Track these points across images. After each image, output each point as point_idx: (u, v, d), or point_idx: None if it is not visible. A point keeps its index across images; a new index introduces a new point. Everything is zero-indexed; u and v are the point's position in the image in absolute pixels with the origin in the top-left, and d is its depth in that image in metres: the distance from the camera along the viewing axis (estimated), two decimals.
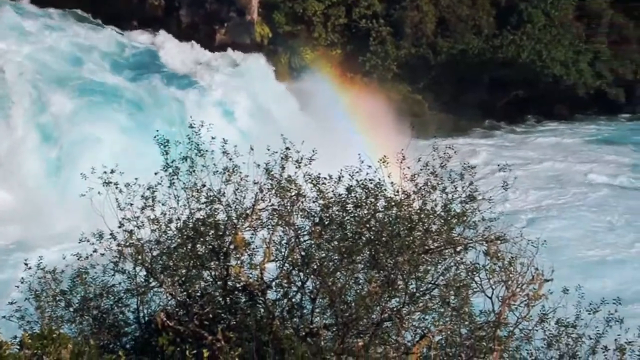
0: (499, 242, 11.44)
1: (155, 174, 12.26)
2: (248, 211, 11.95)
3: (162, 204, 12.10)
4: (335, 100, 46.05)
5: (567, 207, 38.35)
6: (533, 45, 48.44)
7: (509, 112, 51.75)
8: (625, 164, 44.93)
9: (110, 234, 11.80)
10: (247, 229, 11.96)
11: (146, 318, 12.01)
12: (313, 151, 12.43)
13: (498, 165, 13.88)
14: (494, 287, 11.17)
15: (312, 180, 12.12)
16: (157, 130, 12.79)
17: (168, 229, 11.89)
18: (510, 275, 11.13)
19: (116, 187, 11.86)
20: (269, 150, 12.43)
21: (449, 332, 10.84)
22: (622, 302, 12.66)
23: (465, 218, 11.95)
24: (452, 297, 11.17)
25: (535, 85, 50.43)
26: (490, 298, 11.17)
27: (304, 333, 10.83)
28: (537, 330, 12.10)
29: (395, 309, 10.93)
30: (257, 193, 12.11)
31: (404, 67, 49.84)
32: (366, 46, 49.14)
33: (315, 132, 37.22)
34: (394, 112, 44.66)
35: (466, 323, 10.90)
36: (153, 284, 11.91)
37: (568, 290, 13.19)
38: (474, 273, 11.12)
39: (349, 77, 48.99)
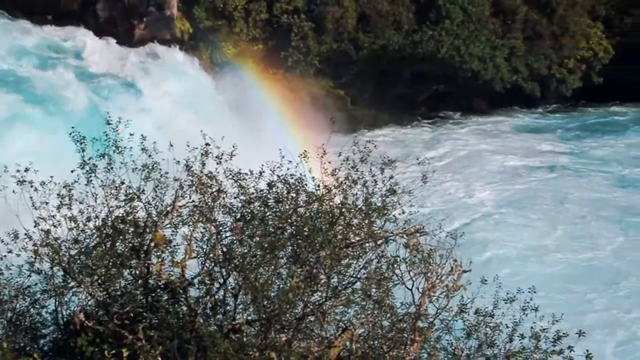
0: (418, 234, 11.63)
1: (72, 171, 11.99)
2: (168, 208, 11.81)
3: (80, 202, 11.85)
4: (257, 96, 45.90)
5: (495, 198, 39.26)
6: (451, 41, 49.28)
7: (429, 107, 52.59)
8: (550, 154, 46.30)
9: (26, 234, 11.50)
10: (168, 226, 11.83)
11: (65, 319, 11.74)
12: (233, 147, 12.37)
13: (417, 159, 14.11)
14: (414, 279, 11.35)
15: (233, 176, 12.06)
16: (73, 127, 12.50)
17: (86, 227, 11.65)
18: (430, 267, 11.32)
19: (31, 186, 11.56)
20: (188, 146, 12.31)
21: (370, 325, 10.95)
22: (536, 291, 13.05)
23: (385, 211, 12.10)
24: (374, 290, 11.30)
25: (454, 80, 51.35)
26: (411, 290, 11.35)
27: (226, 330, 10.77)
28: (456, 321, 12.34)
29: (317, 303, 10.98)
30: (177, 190, 11.98)
31: (326, 62, 50.03)
32: (288, 41, 49.11)
33: (237, 128, 37.06)
34: (317, 107, 44.84)
35: (387, 315, 11.03)
36: (71, 284, 11.65)
37: (487, 280, 13.53)
38: (394, 266, 11.25)
39: (271, 72, 48.85)
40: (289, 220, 11.66)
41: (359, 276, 11.45)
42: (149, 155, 12.06)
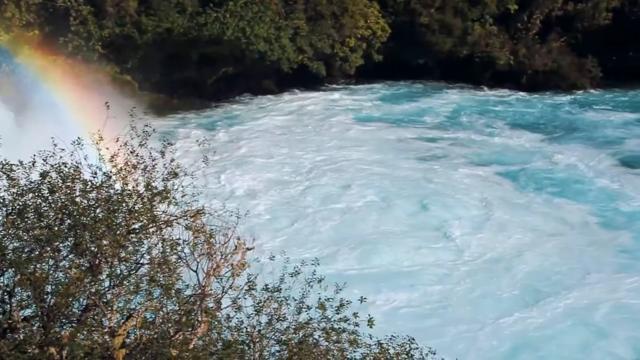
0: (201, 216, 11.63)
1: None
2: None
3: None
4: (37, 85, 43.61)
5: (273, 176, 39.99)
6: (237, 23, 49.43)
7: (219, 89, 52.59)
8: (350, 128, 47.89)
9: None
10: None
11: None
12: None
13: (197, 141, 14.08)
14: (198, 260, 11.36)
15: (2, 168, 11.44)
16: None
17: None
18: (213, 247, 11.38)
19: None
20: None
21: (155, 310, 10.84)
22: (320, 263, 13.55)
23: (167, 195, 11.97)
24: (159, 274, 11.19)
25: (242, 62, 51.74)
26: (196, 271, 11.35)
27: (1, 330, 10.22)
28: (246, 298, 12.52)
29: (100, 293, 10.71)
30: None
31: (110, 47, 48.51)
32: (67, 26, 47.00)
33: (10, 120, 35.02)
34: (103, 94, 43.33)
35: (173, 298, 10.97)
36: None
37: (274, 257, 13.84)
38: (176, 249, 11.21)
39: (51, 59, 46.57)
40: (66, 211, 11.23)
41: (142, 262, 11.29)
42: None
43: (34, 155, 11.97)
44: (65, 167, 11.59)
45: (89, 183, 11.67)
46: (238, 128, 47.48)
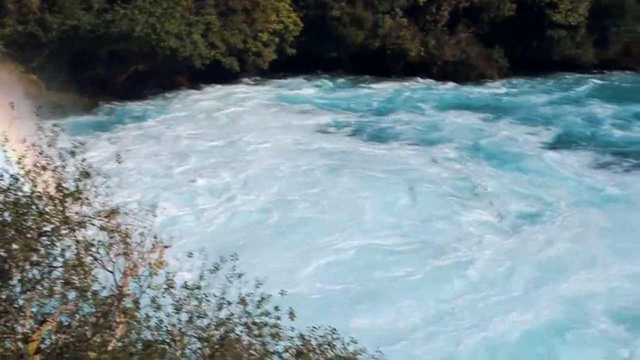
0: (115, 215, 11.40)
1: None
2: None
3: None
4: None
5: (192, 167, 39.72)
6: (146, 19, 48.52)
7: (130, 86, 51.61)
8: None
9: None
10: None
11: None
12: None
13: (109, 139, 13.78)
14: (114, 260, 11.15)
15: None
16: None
17: None
18: (130, 246, 11.18)
19: None
20: None
21: (71, 313, 10.58)
22: (239, 258, 13.49)
23: (79, 195, 11.68)
24: (74, 276, 10.92)
25: (153, 59, 50.86)
26: (112, 272, 11.13)
27: None
28: (165, 297, 12.36)
29: (11, 299, 10.37)
30: None
31: (13, 46, 46.80)
32: None
33: None
34: (8, 94, 41.84)
35: (90, 301, 10.74)
36: None
37: (192, 254, 13.72)
38: (91, 250, 10.97)
39: None
40: None
41: (55, 265, 10.99)
42: None
43: None
44: None
45: None
46: (148, 124, 46.93)
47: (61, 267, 10.88)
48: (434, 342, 25.05)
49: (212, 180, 38.14)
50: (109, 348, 10.44)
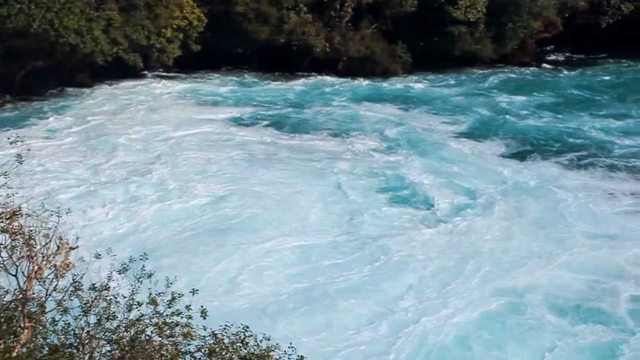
0: (18, 217, 11.03)
1: None
2: None
3: None
4: None
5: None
6: (43, 14, 47.01)
7: (30, 84, 49.98)
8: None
9: None
10: None
11: None
12: None
13: (8, 139, 13.32)
14: (17, 263, 10.79)
15: None
16: None
17: None
18: (34, 249, 10.85)
19: None
20: None
21: None
22: (149, 258, 13.28)
23: None
24: None
25: (52, 55, 49.40)
26: (15, 275, 10.77)
27: None
28: (72, 300, 12.06)
29: None
30: None
31: None
32: None
33: None
34: None
35: None
36: None
37: (100, 255, 13.41)
38: None
39: None
40: None
41: None
42: None
43: None
44: None
45: None
46: (49, 121, 45.64)
47: None
48: (371, 344, 24.54)
49: (128, 176, 37.34)
50: (14, 354, 10.11)
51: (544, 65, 61.79)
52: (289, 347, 12.85)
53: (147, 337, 11.89)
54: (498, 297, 27.25)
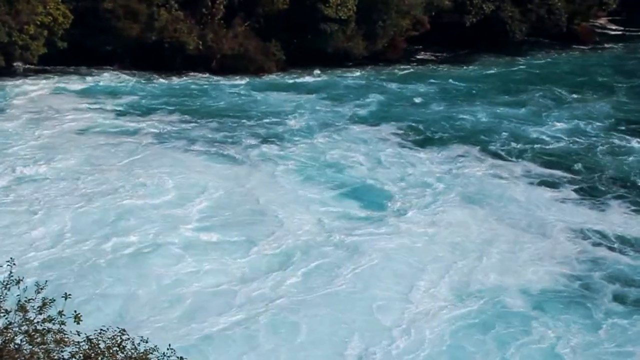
0: None
1: None
2: None
3: None
4: None
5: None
6: None
7: None
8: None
9: None
10: None
11: None
12: None
13: None
14: None
15: None
16: None
17: None
18: None
19: None
20: None
21: None
22: (17, 263, 12.75)
23: None
24: None
25: None
26: None
27: None
28: None
29: None
30: None
31: None
32: None
33: None
34: None
35: None
36: None
37: None
38: None
39: None
40: None
41: None
42: None
43: None
44: None
45: None
46: None
47: None
48: None
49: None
50: None
51: (413, 61, 63.78)
52: (167, 349, 12.65)
53: (16, 346, 11.42)
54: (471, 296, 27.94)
